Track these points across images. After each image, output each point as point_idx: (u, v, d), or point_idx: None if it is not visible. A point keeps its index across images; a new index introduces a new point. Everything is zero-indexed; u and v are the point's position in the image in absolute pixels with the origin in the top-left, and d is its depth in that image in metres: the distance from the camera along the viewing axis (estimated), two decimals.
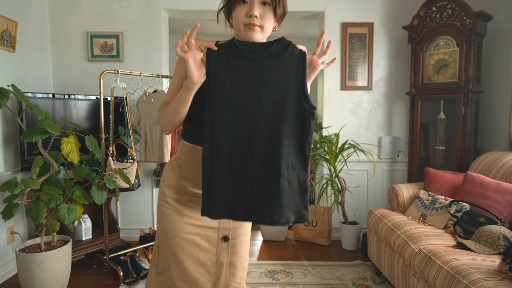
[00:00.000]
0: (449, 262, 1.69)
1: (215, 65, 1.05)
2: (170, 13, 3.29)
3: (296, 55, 1.07)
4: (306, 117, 1.07)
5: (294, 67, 1.06)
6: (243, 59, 1.05)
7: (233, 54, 1.06)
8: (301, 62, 1.07)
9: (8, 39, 2.53)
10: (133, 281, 2.47)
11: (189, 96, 1.07)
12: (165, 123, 1.17)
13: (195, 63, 1.03)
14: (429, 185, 2.57)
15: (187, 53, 1.01)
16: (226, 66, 1.05)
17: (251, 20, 1.07)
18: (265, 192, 1.05)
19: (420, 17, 2.90)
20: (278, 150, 1.05)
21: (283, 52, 1.06)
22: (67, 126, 2.36)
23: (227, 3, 1.13)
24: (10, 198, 2.11)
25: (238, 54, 1.06)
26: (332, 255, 3.02)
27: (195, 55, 1.03)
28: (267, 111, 1.05)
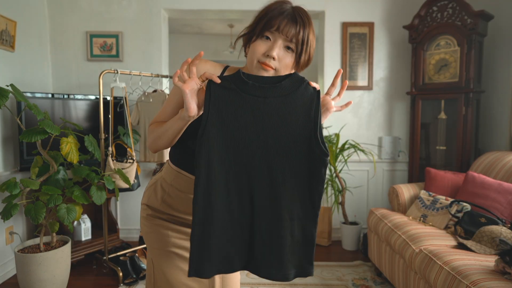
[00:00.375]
0: (450, 263, 1.68)
1: (216, 99, 0.92)
2: (170, 12, 3.28)
3: (309, 94, 0.94)
4: (317, 165, 0.94)
5: (306, 106, 0.93)
6: (249, 94, 0.93)
7: (238, 89, 0.93)
8: (315, 101, 0.94)
9: (7, 38, 2.53)
10: (132, 281, 2.47)
11: (183, 127, 0.98)
12: (152, 144, 1.08)
13: (193, 95, 0.91)
14: (429, 185, 2.57)
15: (186, 83, 0.90)
16: (229, 102, 0.92)
17: (267, 60, 0.97)
18: (265, 244, 0.95)
19: (421, 16, 2.89)
20: (281, 199, 0.94)
21: (294, 89, 0.93)
22: (66, 126, 2.35)
23: (249, 32, 1.03)
24: (9, 198, 2.10)
25: (243, 88, 0.93)
26: (333, 255, 3.01)
27: (194, 86, 0.92)
28: (272, 155, 0.93)
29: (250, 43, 1.02)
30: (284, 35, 0.97)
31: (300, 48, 0.99)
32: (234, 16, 3.41)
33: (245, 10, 3.22)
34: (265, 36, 0.98)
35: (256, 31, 0.99)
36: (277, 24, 0.97)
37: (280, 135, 0.93)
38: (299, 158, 0.94)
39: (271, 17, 0.98)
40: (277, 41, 0.97)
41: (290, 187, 0.95)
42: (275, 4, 1.01)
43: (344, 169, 3.26)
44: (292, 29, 0.96)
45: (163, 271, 1.12)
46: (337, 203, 3.13)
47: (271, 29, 0.97)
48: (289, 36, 0.97)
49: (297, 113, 0.93)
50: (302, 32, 0.97)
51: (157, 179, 1.19)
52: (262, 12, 1.02)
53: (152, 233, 1.14)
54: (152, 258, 1.16)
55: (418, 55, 2.93)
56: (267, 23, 0.98)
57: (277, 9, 0.99)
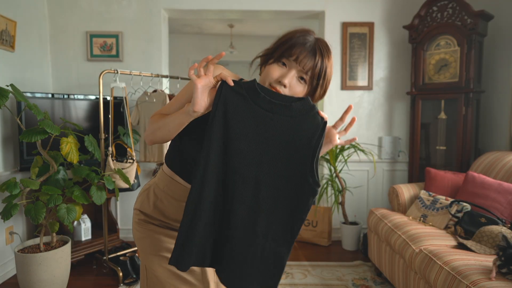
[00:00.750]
0: (450, 263, 1.68)
1: (225, 101, 0.92)
2: (169, 12, 3.28)
3: (316, 122, 0.94)
4: (305, 193, 0.94)
5: (309, 134, 0.93)
6: (258, 106, 0.92)
7: (249, 97, 0.92)
8: (319, 131, 0.94)
9: (7, 38, 2.53)
10: (132, 281, 2.47)
11: (185, 121, 0.98)
12: (150, 134, 1.07)
13: (204, 92, 0.92)
14: (429, 185, 2.57)
15: (200, 78, 0.91)
16: (236, 107, 0.92)
17: (277, 86, 0.97)
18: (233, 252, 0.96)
19: (421, 16, 2.89)
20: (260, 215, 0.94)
21: (303, 114, 0.93)
22: (66, 126, 2.35)
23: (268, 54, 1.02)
24: (9, 198, 2.10)
25: (254, 98, 0.92)
26: (332, 255, 3.01)
27: (208, 83, 0.92)
28: (263, 171, 0.93)
29: (266, 64, 1.02)
30: (301, 66, 0.96)
31: (315, 82, 0.99)
32: (234, 16, 3.41)
33: (245, 10, 3.22)
34: (282, 61, 0.98)
35: (275, 55, 0.99)
36: (296, 54, 0.96)
37: (277, 154, 0.93)
38: (289, 182, 0.94)
39: (292, 45, 0.97)
40: (292, 70, 0.97)
41: (273, 207, 0.94)
42: (299, 33, 1.01)
43: (344, 169, 3.26)
44: (310, 63, 0.97)
45: (157, 276, 1.12)
46: (337, 203, 3.13)
47: (289, 57, 0.97)
48: (305, 69, 0.97)
49: (299, 137, 0.93)
50: (319, 67, 0.97)
51: (151, 184, 1.19)
52: (285, 37, 1.01)
53: (145, 238, 1.14)
54: (145, 263, 1.16)
55: (418, 55, 2.93)
56: (287, 51, 0.97)
57: (300, 38, 0.99)
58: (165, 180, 1.13)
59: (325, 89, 1.03)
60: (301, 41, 0.98)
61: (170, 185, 1.12)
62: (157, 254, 1.12)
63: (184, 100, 1.05)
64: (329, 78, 1.02)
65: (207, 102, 0.93)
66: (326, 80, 1.01)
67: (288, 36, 1.00)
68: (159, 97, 2.83)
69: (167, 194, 1.13)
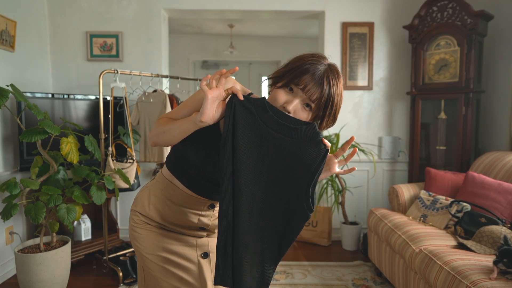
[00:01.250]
0: (450, 263, 1.68)
1: (233, 115, 0.94)
2: (169, 12, 3.28)
3: (318, 149, 0.95)
4: (297, 216, 0.97)
5: (310, 159, 0.95)
6: (264, 123, 0.95)
7: (256, 113, 0.95)
8: (320, 158, 0.95)
9: (7, 38, 2.53)
10: (132, 281, 2.47)
11: (191, 130, 0.99)
12: (154, 136, 1.08)
13: (213, 103, 0.94)
14: (429, 185, 2.57)
15: (212, 90, 0.93)
16: (244, 122, 0.94)
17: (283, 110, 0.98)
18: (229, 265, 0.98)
19: (421, 16, 2.89)
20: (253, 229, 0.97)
21: (307, 138, 0.95)
22: (66, 126, 2.35)
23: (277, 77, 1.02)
24: (9, 198, 2.10)
25: (261, 115, 0.95)
26: (333, 255, 3.01)
27: (218, 95, 0.94)
28: (261, 186, 0.96)
29: (275, 87, 1.02)
30: (307, 96, 0.96)
31: (322, 112, 0.99)
32: (234, 16, 3.41)
33: (245, 10, 3.22)
34: (290, 87, 0.98)
35: (284, 79, 0.99)
36: (304, 84, 0.96)
37: (276, 173, 0.96)
38: (284, 202, 0.96)
39: (302, 73, 0.97)
40: (297, 98, 0.97)
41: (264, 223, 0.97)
42: (310, 59, 0.99)
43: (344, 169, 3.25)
44: (317, 93, 0.96)
45: (154, 276, 1.13)
46: (337, 203, 3.13)
47: (297, 85, 0.97)
48: (312, 99, 0.97)
49: (299, 161, 0.95)
50: (325, 97, 0.97)
51: (149, 186, 1.19)
52: (297, 62, 1.00)
53: (143, 238, 1.14)
54: (142, 264, 1.16)
55: (418, 55, 2.93)
56: (295, 78, 0.97)
57: (311, 66, 0.97)
58: (163, 184, 1.14)
59: (334, 118, 1.03)
60: (311, 70, 0.97)
61: (168, 188, 1.13)
62: (155, 254, 1.12)
63: (192, 107, 1.05)
64: (338, 106, 1.01)
65: (215, 114, 0.95)
66: (334, 109, 1.00)
67: (300, 62, 0.99)
68: (159, 97, 2.83)
69: (165, 197, 1.14)
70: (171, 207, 1.13)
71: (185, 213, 1.13)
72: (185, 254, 1.15)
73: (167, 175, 1.14)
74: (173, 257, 1.13)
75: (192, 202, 1.13)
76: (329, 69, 0.99)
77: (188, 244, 1.16)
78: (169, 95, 2.88)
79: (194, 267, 1.14)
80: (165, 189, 1.13)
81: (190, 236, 1.17)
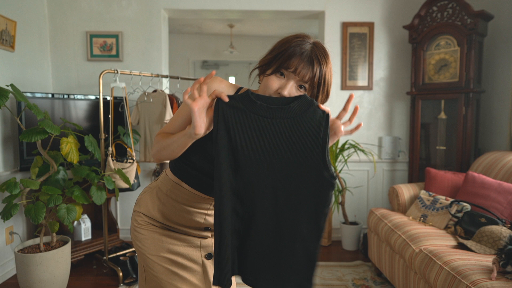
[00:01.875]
0: (450, 263, 1.68)
1: (223, 118, 0.93)
2: (169, 12, 3.28)
3: (318, 117, 0.93)
4: (323, 188, 0.94)
5: (314, 130, 0.93)
6: (257, 115, 0.93)
7: (246, 108, 0.93)
8: (323, 125, 0.93)
9: (7, 38, 2.53)
10: (132, 281, 2.47)
11: (188, 143, 0.98)
12: (156, 153, 1.07)
13: (201, 114, 0.91)
14: (429, 185, 2.57)
15: (195, 101, 0.90)
16: (236, 120, 0.93)
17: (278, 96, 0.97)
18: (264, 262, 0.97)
19: (421, 16, 2.89)
20: (284, 219, 0.95)
21: (303, 112, 0.93)
22: (66, 126, 2.35)
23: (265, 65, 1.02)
24: (9, 198, 2.10)
25: (251, 108, 0.93)
26: (333, 255, 3.02)
27: (203, 104, 0.92)
28: (277, 176, 0.94)
29: (264, 75, 1.01)
30: (300, 77, 0.97)
31: (316, 90, 1.00)
32: (234, 16, 3.41)
33: (245, 10, 3.22)
34: (280, 72, 0.98)
35: (272, 66, 0.99)
36: (294, 66, 0.96)
37: (286, 157, 0.93)
38: (305, 181, 0.94)
39: (289, 56, 0.97)
40: (290, 81, 0.97)
41: (295, 209, 0.95)
42: (295, 41, 0.99)
43: (344, 169, 3.26)
44: (309, 73, 0.97)
45: (157, 277, 1.12)
46: (337, 203, 3.13)
47: (287, 69, 0.97)
48: (304, 80, 0.97)
49: (304, 136, 0.93)
50: (318, 75, 0.98)
51: (153, 188, 1.19)
52: (282, 46, 1.00)
53: (146, 239, 1.13)
54: (143, 264, 1.16)
55: (418, 55, 2.93)
56: (284, 62, 0.97)
57: (297, 47, 0.97)
58: (168, 184, 1.14)
59: (327, 94, 1.03)
60: (298, 51, 0.97)
61: (173, 189, 1.12)
62: (158, 255, 1.11)
63: (183, 119, 1.06)
64: (330, 82, 1.02)
65: (207, 122, 0.94)
66: (326, 86, 1.01)
67: (285, 46, 0.99)
68: (159, 97, 2.83)
69: (170, 197, 1.13)
70: (177, 207, 1.12)
71: (191, 212, 1.12)
72: (189, 255, 1.14)
73: (172, 177, 1.14)
74: (177, 258, 1.12)
75: (198, 200, 1.12)
76: (316, 46, 0.99)
77: (192, 245, 1.15)
78: (169, 95, 2.88)
79: (198, 268, 1.13)
80: (170, 189, 1.13)
81: (195, 237, 1.16)
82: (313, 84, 0.98)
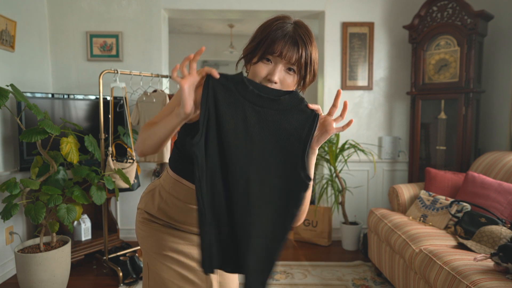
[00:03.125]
0: (450, 263, 1.68)
1: (211, 95, 0.89)
2: (169, 12, 3.28)
3: (306, 115, 0.92)
4: (297, 187, 0.92)
5: (299, 127, 0.91)
6: (246, 100, 0.91)
7: (237, 91, 0.91)
8: (309, 124, 0.92)
9: (7, 38, 2.53)
10: (132, 281, 2.47)
11: (177, 124, 0.94)
12: (140, 144, 1.03)
13: (191, 92, 0.89)
14: (429, 185, 2.57)
15: (184, 78, 0.88)
16: (224, 101, 0.90)
17: (268, 84, 0.96)
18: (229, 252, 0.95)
19: (421, 16, 2.89)
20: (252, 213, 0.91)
21: (292, 107, 0.92)
22: (66, 126, 2.35)
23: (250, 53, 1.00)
24: (9, 198, 2.10)
25: (242, 92, 0.91)
26: (333, 255, 3.02)
27: (193, 81, 0.89)
28: (253, 166, 0.90)
29: (251, 63, 0.99)
30: (287, 60, 0.95)
31: (304, 71, 0.98)
32: (234, 16, 3.41)
33: (245, 10, 3.22)
34: (266, 59, 0.96)
35: (257, 53, 0.97)
36: (279, 50, 0.94)
37: (267, 148, 0.91)
38: (280, 176, 0.92)
39: (273, 41, 0.95)
40: (278, 65, 0.96)
41: (265, 202, 0.92)
42: (275, 24, 0.97)
43: (344, 169, 3.26)
44: (295, 54, 0.95)
45: (159, 275, 1.11)
46: (337, 203, 3.13)
47: (273, 54, 0.95)
48: (292, 61, 0.95)
49: (288, 131, 0.91)
50: (304, 55, 0.96)
51: (156, 185, 1.18)
52: (263, 32, 0.97)
53: (148, 237, 1.13)
54: (147, 262, 1.16)
55: (418, 55, 2.93)
56: (269, 48, 0.95)
57: (278, 30, 0.95)
58: (170, 182, 1.13)
59: (314, 73, 1.01)
60: (280, 34, 0.95)
61: (175, 186, 1.12)
62: (161, 253, 1.11)
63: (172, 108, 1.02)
64: (316, 61, 1.00)
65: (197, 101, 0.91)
66: (313, 65, 0.99)
67: (266, 31, 0.96)
68: (159, 97, 2.83)
69: (172, 195, 1.12)
70: (178, 205, 1.11)
71: (192, 210, 1.12)
72: (191, 253, 1.13)
73: (172, 174, 1.13)
74: (179, 257, 1.11)
75: None
76: (298, 26, 0.98)
77: (194, 243, 1.14)
78: (169, 95, 2.88)
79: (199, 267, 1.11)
80: (172, 187, 1.12)
81: (196, 235, 1.16)
82: (300, 65, 0.96)
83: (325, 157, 3.11)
